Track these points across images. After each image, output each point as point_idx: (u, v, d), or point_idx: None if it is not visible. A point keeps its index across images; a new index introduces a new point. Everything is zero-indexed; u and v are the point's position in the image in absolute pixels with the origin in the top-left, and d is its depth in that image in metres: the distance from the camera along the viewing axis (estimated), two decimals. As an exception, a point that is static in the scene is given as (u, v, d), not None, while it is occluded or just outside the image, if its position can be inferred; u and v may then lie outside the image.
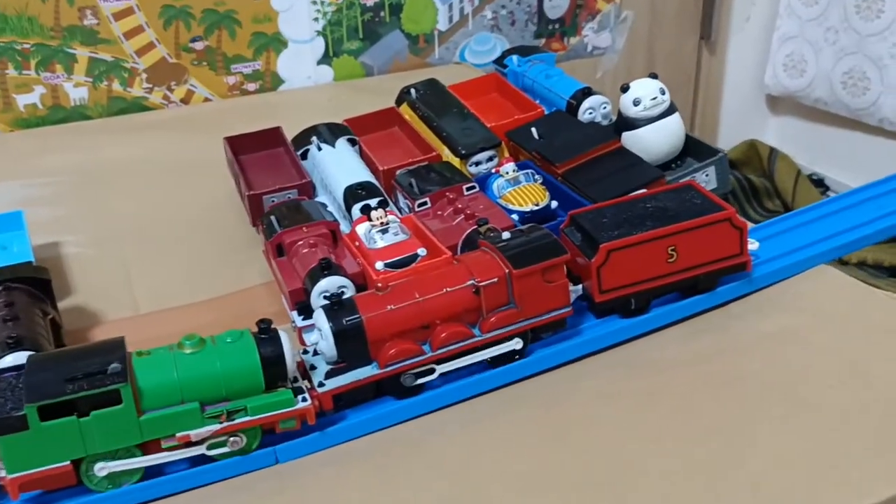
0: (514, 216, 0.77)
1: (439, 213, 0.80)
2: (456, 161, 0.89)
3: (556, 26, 1.48)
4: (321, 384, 0.62)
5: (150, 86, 1.24)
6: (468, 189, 0.81)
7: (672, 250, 0.69)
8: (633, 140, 0.83)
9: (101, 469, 0.57)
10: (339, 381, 0.63)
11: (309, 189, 0.88)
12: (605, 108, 0.94)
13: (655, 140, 0.82)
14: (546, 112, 0.95)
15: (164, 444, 0.57)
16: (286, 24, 1.28)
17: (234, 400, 0.58)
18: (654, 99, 0.82)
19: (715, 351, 0.67)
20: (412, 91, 1.03)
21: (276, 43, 1.28)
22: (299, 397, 0.60)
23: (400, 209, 0.85)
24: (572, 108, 0.95)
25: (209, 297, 0.83)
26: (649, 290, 0.70)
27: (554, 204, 0.79)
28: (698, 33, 1.67)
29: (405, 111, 1.02)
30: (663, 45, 1.64)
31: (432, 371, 0.65)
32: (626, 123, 0.84)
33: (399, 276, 0.68)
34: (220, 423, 0.57)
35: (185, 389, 0.57)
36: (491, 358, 0.66)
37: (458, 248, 0.74)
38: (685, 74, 1.70)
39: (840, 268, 1.48)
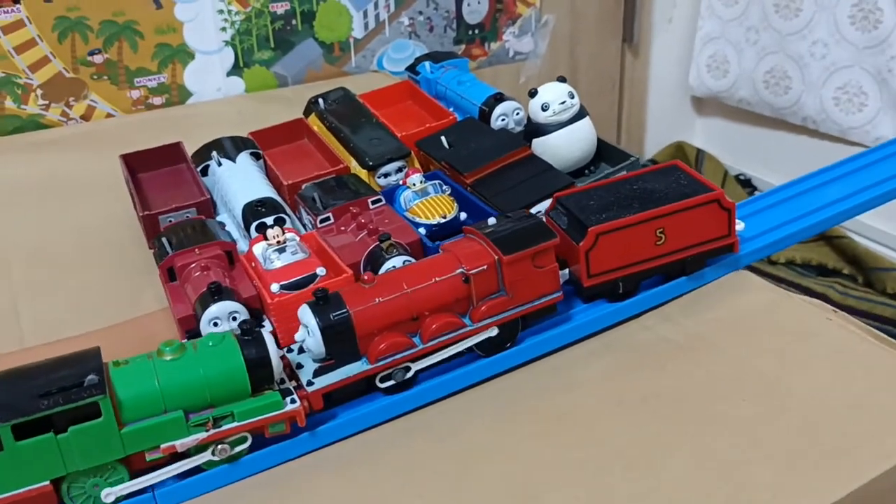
0: (421, 229, 0.74)
1: (343, 228, 0.76)
2: (364, 173, 0.85)
3: (476, 32, 1.45)
4: (310, 383, 0.60)
5: (47, 102, 1.18)
6: (374, 202, 0.77)
7: (660, 233, 0.68)
8: (543, 146, 0.80)
9: (108, 495, 0.54)
10: (329, 378, 0.60)
11: (208, 207, 0.83)
12: (518, 113, 0.90)
13: (566, 146, 0.79)
14: (458, 119, 0.92)
15: (148, 457, 0.55)
16: (192, 35, 1.22)
17: (219, 406, 0.55)
18: (563, 103, 0.79)
19: (625, 367, 0.64)
20: (320, 101, 0.98)
21: (182, 54, 1.23)
22: (287, 399, 0.57)
23: (304, 225, 0.80)
24: (485, 115, 0.92)
25: (103, 325, 0.77)
26: (637, 273, 0.69)
27: (463, 215, 0.75)
28: (621, 36, 1.66)
29: (313, 122, 0.98)
30: (586, 48, 1.62)
31: (408, 370, 0.62)
32: (535, 129, 0.80)
33: (296, 298, 0.64)
34: (207, 430, 0.55)
35: (168, 398, 0.54)
36: (481, 347, 0.64)
37: (361, 266, 0.70)
38: (609, 78, 1.69)
39: (767, 268, 1.48)
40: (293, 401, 0.57)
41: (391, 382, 0.62)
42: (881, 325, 1.34)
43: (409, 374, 0.63)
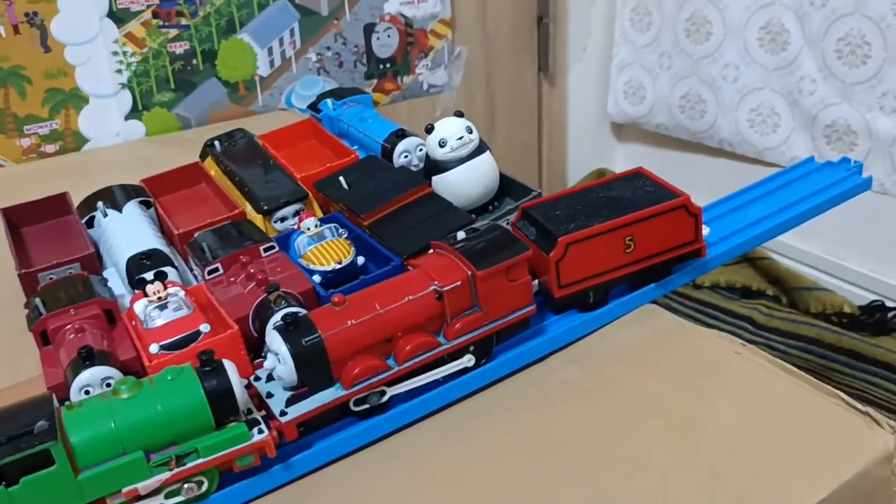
0: (316, 277, 0.70)
1: (232, 279, 0.71)
2: (259, 219, 0.81)
3: (388, 66, 1.42)
4: (283, 413, 0.57)
5: (-72, 154, 1.12)
6: (266, 250, 0.73)
7: (629, 240, 0.67)
8: (443, 184, 0.77)
9: None
10: (303, 407, 0.57)
11: (93, 262, 0.78)
12: (420, 150, 0.87)
13: (466, 182, 0.76)
14: (361, 157, 0.89)
15: (110, 503, 0.51)
16: (85, 79, 1.17)
17: (182, 443, 0.52)
18: (461, 139, 0.76)
19: (532, 412, 0.61)
20: (216, 143, 0.94)
21: (76, 99, 1.17)
22: (255, 430, 0.54)
23: (196, 277, 0.76)
24: (387, 152, 0.88)
25: (-23, 395, 0.71)
26: (607, 282, 0.68)
27: (361, 260, 0.72)
28: (536, 65, 1.65)
29: (210, 166, 0.93)
30: (502, 78, 1.60)
31: (384, 394, 0.60)
32: (434, 166, 0.77)
33: (176, 359, 0.60)
34: (170, 469, 0.52)
35: (126, 438, 0.51)
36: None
37: (250, 320, 0.66)
38: (528, 107, 1.67)
39: (693, 292, 1.47)
40: (260, 431, 0.54)
41: (365, 406, 0.60)
42: (806, 345, 1.34)
43: (385, 398, 0.60)
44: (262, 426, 0.54)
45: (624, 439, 0.57)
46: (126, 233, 0.79)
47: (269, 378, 0.60)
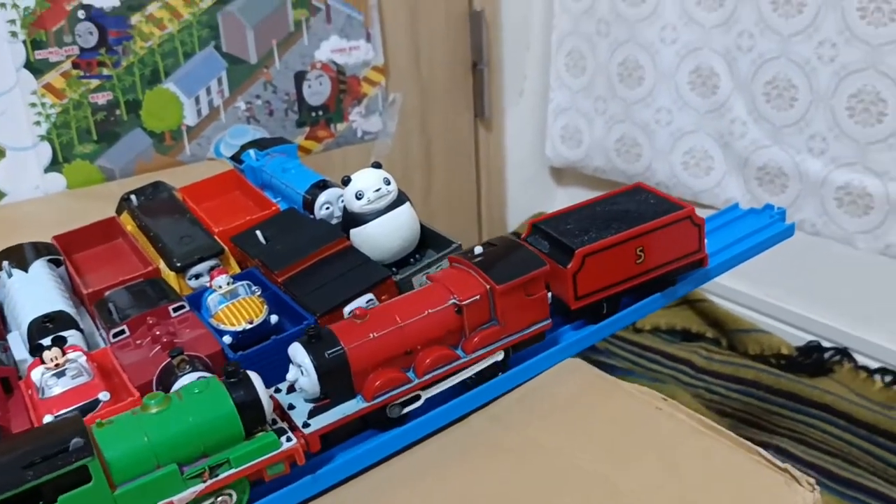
0: (226, 338, 0.67)
1: (139, 342, 0.68)
2: (173, 276, 0.78)
3: (320, 113, 1.40)
4: (306, 424, 0.57)
5: None
6: (176, 310, 0.70)
7: (640, 251, 0.69)
8: (361, 237, 0.74)
9: None
10: (326, 418, 0.58)
11: (-4, 326, 0.74)
12: (343, 201, 0.85)
13: (385, 235, 0.74)
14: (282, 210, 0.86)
15: None
16: (1, 131, 1.13)
17: (213, 454, 0.53)
18: (378, 190, 0.74)
19: (451, 472, 0.58)
20: (132, 197, 0.91)
21: (-8, 152, 1.14)
22: (283, 438, 0.55)
23: (103, 340, 0.72)
24: (308, 204, 0.86)
25: None
26: (620, 292, 0.70)
27: (274, 318, 0.69)
28: (472, 111, 1.64)
29: (126, 220, 0.90)
30: (438, 124, 1.60)
31: (418, 398, 0.61)
32: (352, 219, 0.75)
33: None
34: (204, 481, 0.52)
35: (160, 452, 0.51)
36: (472, 377, 0.63)
37: (154, 386, 0.62)
38: (465, 153, 1.67)
39: (633, 336, 1.46)
40: (289, 439, 0.55)
41: (404, 412, 0.61)
42: (745, 387, 1.33)
43: (418, 404, 0.61)
44: (290, 434, 0.55)
45: (545, 501, 0.54)
46: (31, 294, 0.75)
47: (290, 390, 0.60)
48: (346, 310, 0.65)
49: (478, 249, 0.66)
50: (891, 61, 1.16)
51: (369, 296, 0.68)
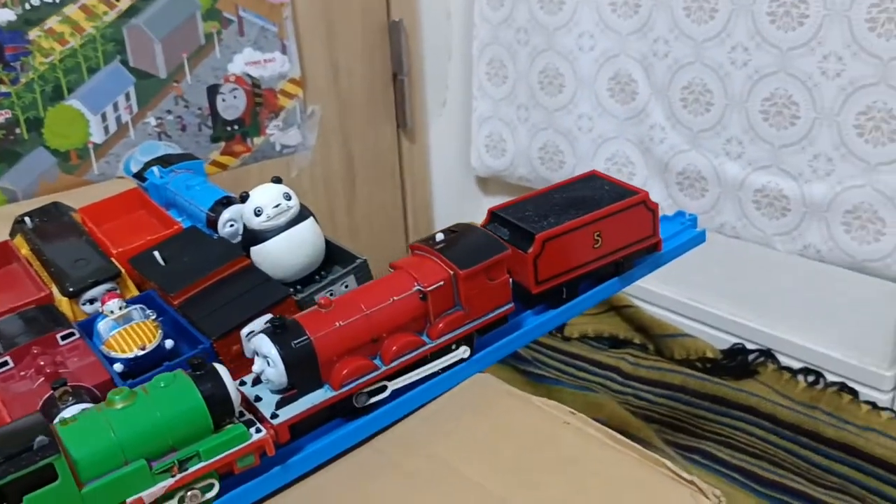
0: (117, 365, 0.63)
1: (23, 373, 0.64)
2: (66, 301, 0.74)
3: (236, 128, 1.37)
4: (274, 415, 0.57)
5: None
6: (64, 337, 0.66)
7: (598, 236, 0.71)
8: (261, 255, 0.72)
9: None
10: (294, 409, 0.58)
11: None
12: (247, 217, 0.82)
13: (286, 252, 0.71)
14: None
15: None
16: None
17: (182, 448, 0.52)
18: (278, 206, 0.71)
19: (353, 498, 0.56)
20: (27, 220, 0.87)
21: None
22: (252, 429, 0.55)
23: (-10, 371, 0.68)
24: (212, 222, 0.83)
25: None
26: (579, 276, 0.71)
27: (169, 343, 0.66)
28: (394, 122, 1.62)
29: (20, 244, 0.86)
30: (360, 136, 1.57)
31: (384, 389, 0.61)
32: (252, 237, 0.72)
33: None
34: (173, 475, 0.52)
35: (127, 448, 0.51)
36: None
37: (36, 420, 0.59)
38: (388, 165, 1.64)
39: (561, 344, 1.45)
40: (258, 430, 0.55)
41: (370, 401, 0.61)
42: (672, 392, 1.33)
43: (384, 395, 0.61)
44: (259, 426, 0.55)
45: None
46: None
47: (255, 382, 0.60)
48: (243, 332, 0.62)
49: (439, 236, 0.66)
50: (800, 64, 1.17)
51: (268, 316, 0.65)
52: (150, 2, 1.22)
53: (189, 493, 0.53)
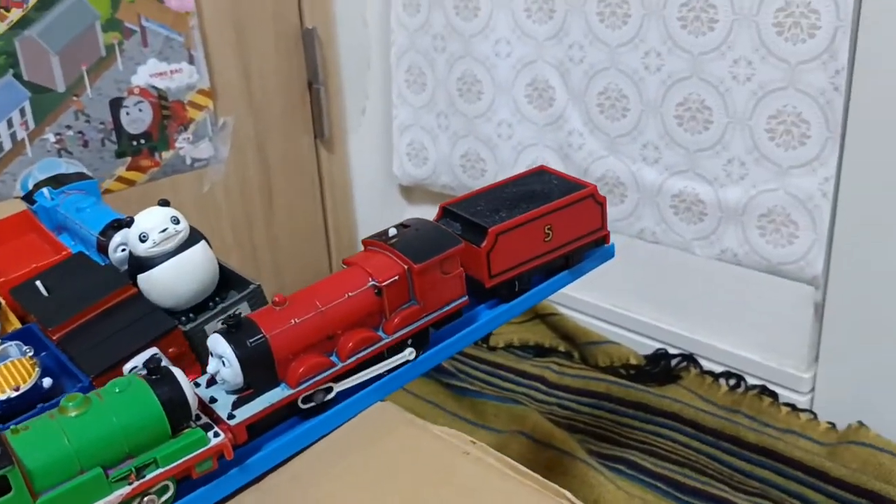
0: (-11, 407, 0.59)
1: None
2: (-63, 338, 0.69)
3: (142, 142, 1.32)
4: (231, 416, 0.56)
5: None
6: (-68, 379, 0.61)
7: (548, 229, 0.72)
8: (149, 283, 0.68)
9: None
10: (252, 408, 0.57)
11: None
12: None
13: (175, 279, 0.67)
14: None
15: None
16: None
17: (139, 455, 0.51)
18: (165, 231, 0.67)
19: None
20: None
21: None
22: (210, 433, 0.53)
23: None
24: (103, 246, 0.79)
25: None
26: (531, 270, 0.72)
27: (47, 382, 0.61)
28: (312, 132, 1.59)
29: None
30: (276, 148, 1.53)
31: (331, 390, 0.60)
32: (138, 264, 0.68)
33: None
34: (130, 483, 0.50)
35: (83, 456, 0.49)
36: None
37: None
38: (307, 176, 1.61)
39: (486, 355, 1.43)
40: (216, 434, 0.54)
41: (311, 404, 0.60)
42: (597, 401, 1.32)
43: (332, 395, 0.60)
44: (217, 429, 0.54)
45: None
46: None
47: (209, 383, 0.59)
48: (126, 368, 0.59)
49: (392, 231, 0.66)
50: (712, 69, 1.17)
51: (153, 350, 0.61)
52: (44, 13, 1.17)
53: (146, 499, 0.52)
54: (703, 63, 1.18)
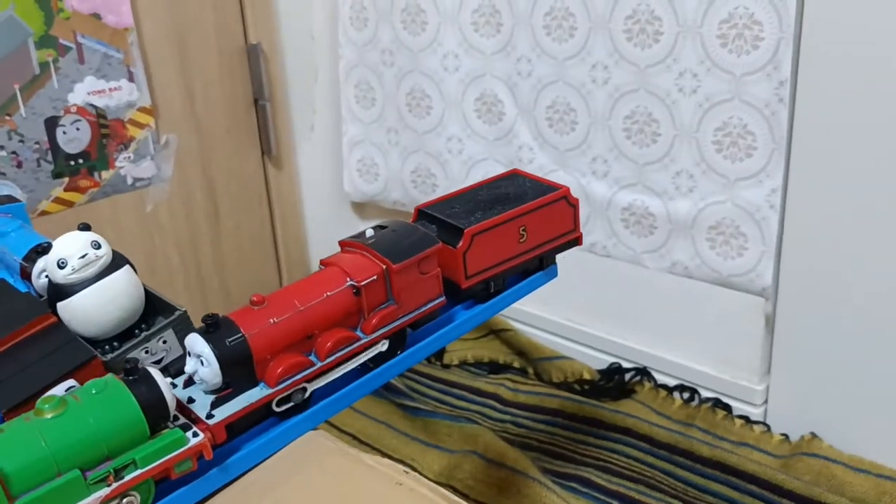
0: None
1: None
2: None
3: (81, 162, 1.28)
4: (210, 416, 0.55)
5: None
6: None
7: (523, 230, 0.73)
8: (69, 311, 0.64)
9: None
10: (231, 408, 0.56)
11: None
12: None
13: (97, 307, 0.64)
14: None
15: None
16: None
17: (118, 456, 0.50)
18: (84, 256, 0.64)
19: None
20: None
21: None
22: (189, 433, 0.53)
23: None
24: (26, 272, 0.75)
25: None
26: (506, 270, 0.73)
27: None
28: (259, 148, 1.56)
29: None
30: (221, 166, 1.50)
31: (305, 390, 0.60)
32: (57, 291, 0.65)
33: None
34: (109, 485, 0.50)
35: (60, 459, 0.49)
36: (373, 359, 0.64)
37: None
38: (255, 194, 1.58)
39: (440, 372, 1.41)
40: (195, 434, 0.53)
41: (289, 405, 0.59)
42: (551, 417, 1.31)
43: (307, 395, 0.60)
44: (196, 429, 0.53)
45: None
46: None
47: (187, 384, 0.58)
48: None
49: (369, 232, 0.66)
50: (658, 81, 1.17)
51: (70, 382, 0.58)
52: (-27, 30, 1.13)
53: (125, 501, 0.51)
54: (650, 75, 1.17)
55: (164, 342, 0.65)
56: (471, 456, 1.18)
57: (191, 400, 0.57)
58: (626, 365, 1.38)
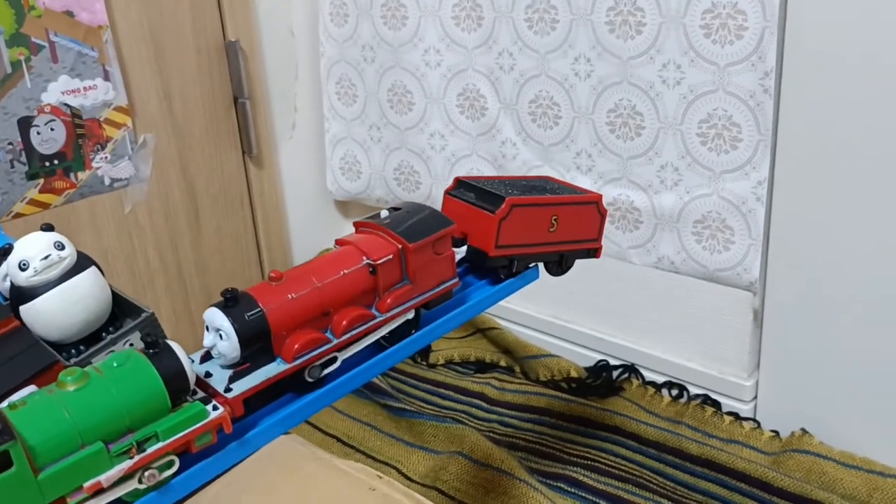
0: None
1: None
2: None
3: (56, 162, 1.25)
4: (228, 389, 0.56)
5: None
6: None
7: (555, 219, 0.73)
8: (32, 314, 0.62)
9: None
10: (249, 382, 0.57)
11: None
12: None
13: (61, 310, 0.62)
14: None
15: (70, 501, 0.48)
16: None
17: (139, 428, 0.51)
18: (47, 258, 0.62)
19: None
20: None
21: None
22: (209, 406, 0.53)
23: None
24: (-10, 276, 0.73)
25: None
26: (532, 254, 0.73)
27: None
28: (240, 148, 1.53)
29: None
30: (201, 165, 1.47)
31: (335, 360, 0.61)
32: (19, 294, 0.63)
33: None
34: (132, 457, 0.50)
35: (84, 431, 0.49)
36: (389, 336, 0.65)
37: None
38: (235, 193, 1.55)
39: (426, 373, 1.39)
40: (215, 407, 0.53)
41: (311, 379, 0.60)
42: (538, 416, 1.29)
43: (335, 366, 0.61)
44: (215, 402, 0.53)
45: None
46: None
47: (203, 359, 0.58)
48: (3, 406, 0.53)
49: (384, 213, 0.67)
50: (641, 73, 1.15)
51: (31, 388, 0.56)
52: (-58, 28, 1.10)
53: (147, 473, 0.51)
54: (633, 67, 1.15)
55: (131, 345, 0.63)
56: (457, 457, 1.16)
57: (208, 374, 0.57)
58: (613, 362, 1.36)
